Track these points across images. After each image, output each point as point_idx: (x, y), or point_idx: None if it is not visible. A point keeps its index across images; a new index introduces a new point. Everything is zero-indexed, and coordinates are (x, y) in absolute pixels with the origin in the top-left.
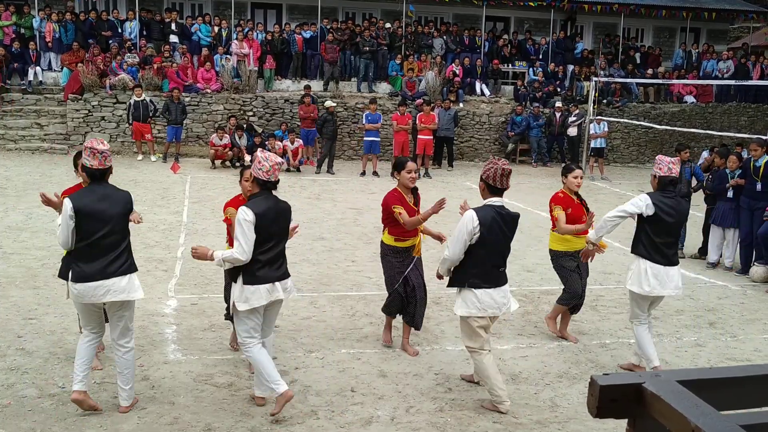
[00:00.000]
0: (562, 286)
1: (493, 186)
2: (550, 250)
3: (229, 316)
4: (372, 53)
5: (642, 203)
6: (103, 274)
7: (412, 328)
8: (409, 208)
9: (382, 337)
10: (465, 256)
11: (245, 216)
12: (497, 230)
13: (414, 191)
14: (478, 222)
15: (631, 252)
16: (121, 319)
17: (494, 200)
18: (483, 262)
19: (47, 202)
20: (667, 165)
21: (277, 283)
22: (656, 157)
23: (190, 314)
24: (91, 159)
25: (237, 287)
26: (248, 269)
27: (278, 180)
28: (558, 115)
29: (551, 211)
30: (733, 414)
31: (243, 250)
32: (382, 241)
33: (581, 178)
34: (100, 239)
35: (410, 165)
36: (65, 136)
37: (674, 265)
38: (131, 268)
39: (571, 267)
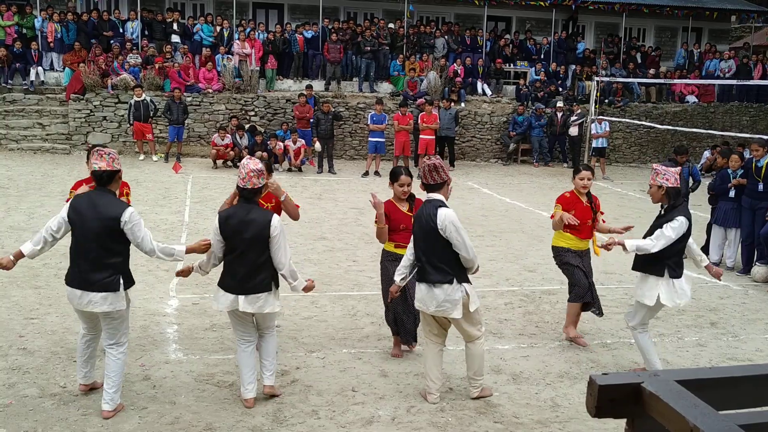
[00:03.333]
0: (566, 286)
1: (426, 183)
2: (553, 247)
3: None
4: (373, 53)
5: (684, 227)
6: (79, 284)
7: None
8: (403, 215)
9: (392, 351)
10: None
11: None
12: (423, 224)
13: (411, 199)
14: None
15: (654, 274)
16: (108, 326)
17: (431, 195)
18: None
19: None
20: (674, 175)
21: (240, 296)
22: (656, 167)
23: (192, 314)
24: (99, 161)
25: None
26: (222, 272)
27: (255, 188)
28: (559, 114)
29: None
30: (731, 414)
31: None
32: (383, 248)
33: (589, 179)
34: (80, 248)
35: (403, 179)
36: (67, 136)
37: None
38: (112, 285)
39: (575, 262)
